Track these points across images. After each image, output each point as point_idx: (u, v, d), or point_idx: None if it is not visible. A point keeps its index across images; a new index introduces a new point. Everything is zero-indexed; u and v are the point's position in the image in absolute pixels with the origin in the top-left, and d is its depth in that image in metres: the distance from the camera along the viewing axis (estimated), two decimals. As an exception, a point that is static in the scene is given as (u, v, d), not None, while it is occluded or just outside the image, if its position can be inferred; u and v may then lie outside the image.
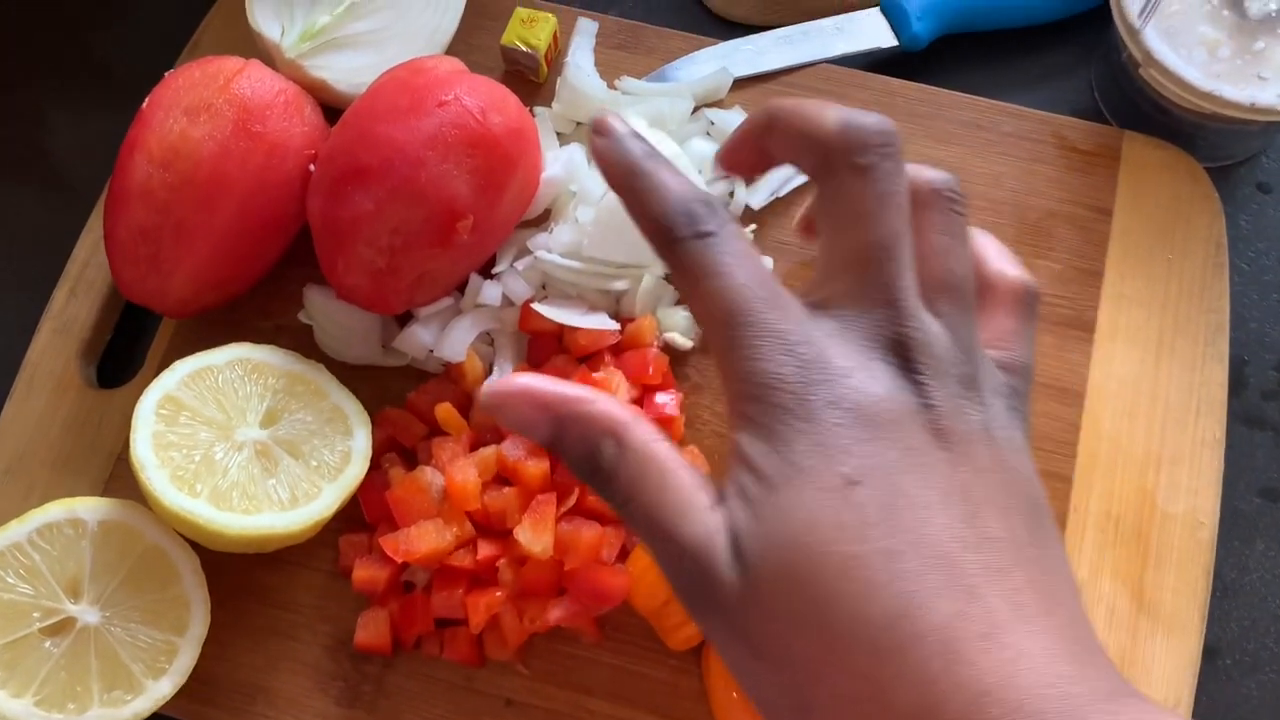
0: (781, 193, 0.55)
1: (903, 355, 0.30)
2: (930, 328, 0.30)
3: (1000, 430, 0.30)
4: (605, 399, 0.30)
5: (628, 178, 0.31)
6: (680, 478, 0.30)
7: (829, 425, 0.29)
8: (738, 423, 0.30)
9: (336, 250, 0.49)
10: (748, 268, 0.30)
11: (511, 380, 0.30)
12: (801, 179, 0.55)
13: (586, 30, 0.58)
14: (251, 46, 0.55)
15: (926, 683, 0.27)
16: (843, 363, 0.29)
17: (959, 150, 0.56)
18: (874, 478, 0.28)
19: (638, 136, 0.32)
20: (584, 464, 0.30)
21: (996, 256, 0.34)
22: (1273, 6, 0.51)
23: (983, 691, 0.27)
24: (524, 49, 0.56)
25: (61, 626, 0.45)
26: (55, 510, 0.46)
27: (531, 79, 0.58)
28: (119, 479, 0.52)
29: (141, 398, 0.47)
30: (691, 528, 0.29)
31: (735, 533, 0.29)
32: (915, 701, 0.27)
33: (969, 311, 0.31)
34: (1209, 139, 0.56)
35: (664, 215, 0.31)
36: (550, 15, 0.57)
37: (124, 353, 0.57)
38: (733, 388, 0.30)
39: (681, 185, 0.31)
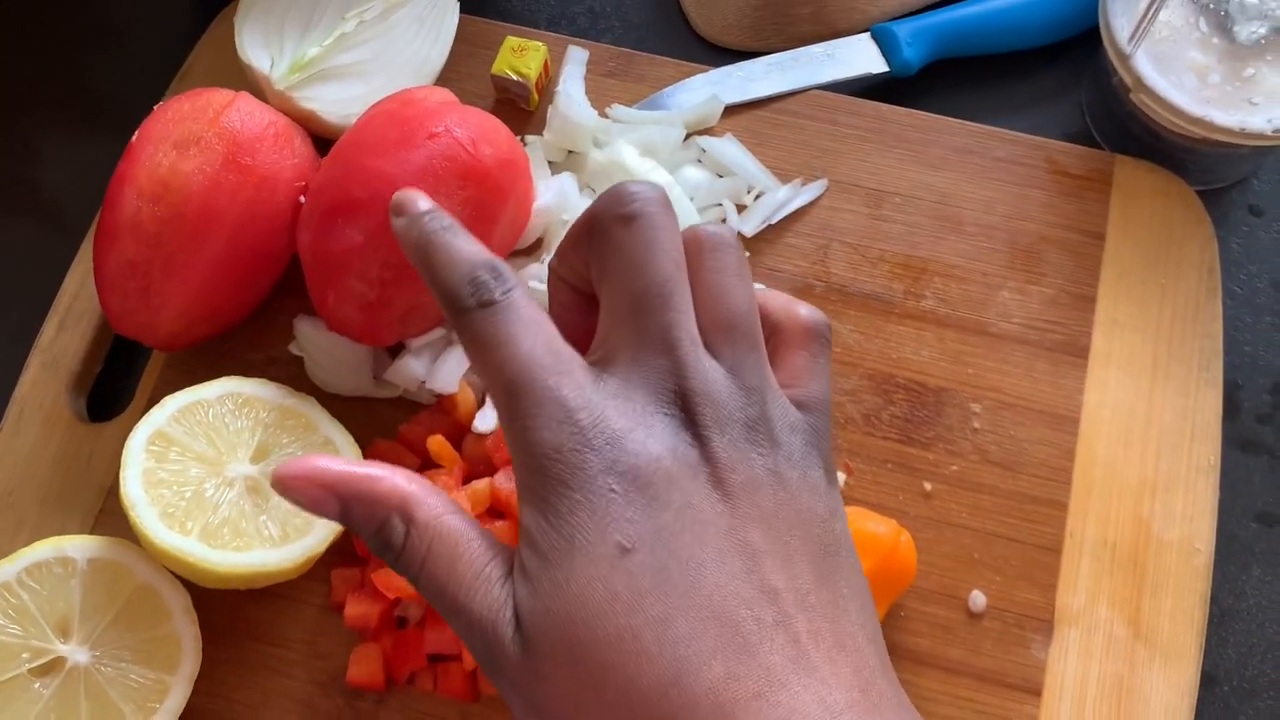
0: (774, 219, 0.55)
1: (684, 407, 0.29)
2: (710, 375, 0.30)
3: (792, 470, 0.30)
4: (395, 475, 0.30)
5: (422, 252, 0.32)
6: (471, 550, 0.30)
7: (603, 493, 0.28)
8: (521, 494, 0.30)
9: (326, 283, 0.49)
10: (532, 335, 0.30)
11: (298, 463, 0.31)
12: (795, 204, 0.55)
13: (577, 58, 0.58)
14: (242, 76, 0.55)
15: None
16: (621, 424, 0.29)
17: (950, 175, 0.56)
18: (646, 543, 0.28)
19: (434, 211, 0.32)
20: (373, 540, 0.30)
21: (784, 301, 0.34)
22: (1262, 32, 0.51)
23: None
24: (515, 78, 0.56)
25: (51, 667, 0.45)
26: (44, 549, 0.46)
27: (523, 107, 0.58)
28: (110, 513, 0.52)
29: (131, 434, 0.46)
30: (479, 602, 0.29)
31: (518, 608, 0.29)
32: None
33: (754, 350, 0.31)
34: (1200, 162, 0.56)
35: (450, 286, 0.31)
36: (541, 44, 0.57)
37: (114, 385, 0.56)
38: (516, 460, 0.30)
39: (471, 252, 0.31)
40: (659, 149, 0.55)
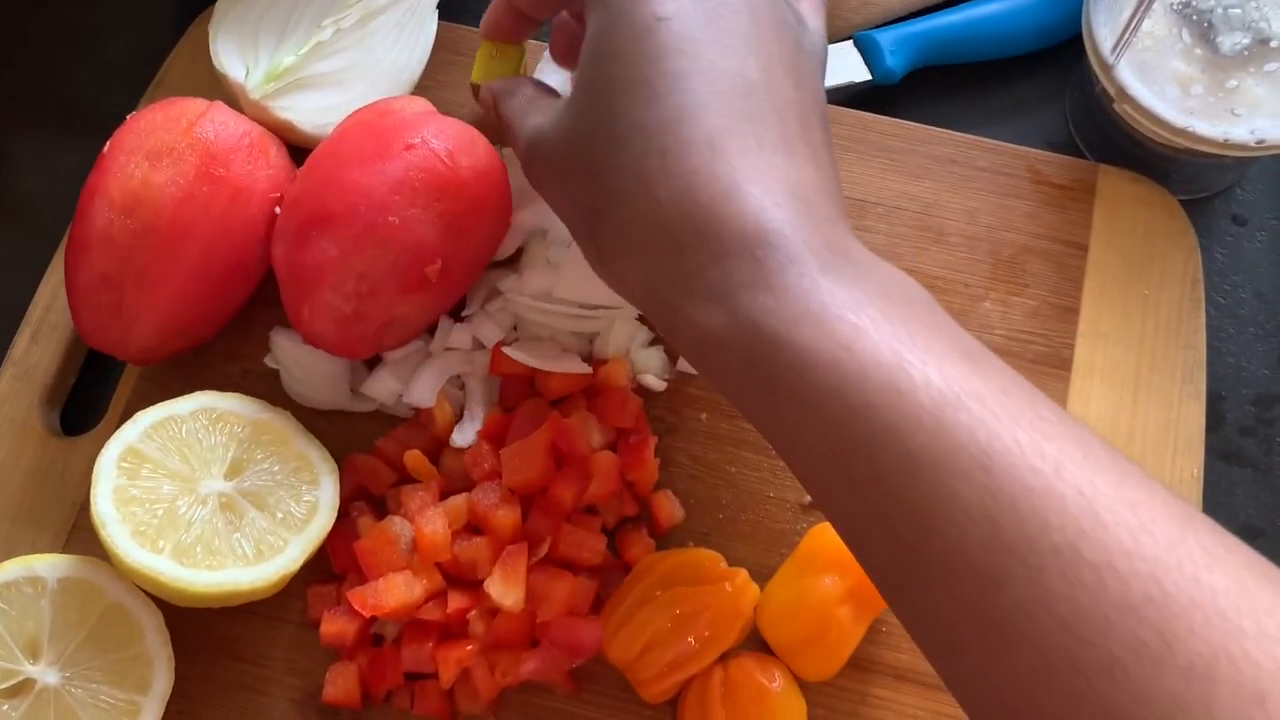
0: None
1: None
2: None
3: (788, 11, 0.39)
4: None
5: None
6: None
7: None
8: None
9: (301, 297, 0.48)
10: None
11: None
12: None
13: (550, 58, 0.57)
14: (218, 84, 0.54)
15: (687, 173, 0.34)
16: None
17: (933, 185, 0.56)
18: (682, 16, 0.35)
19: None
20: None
21: None
22: (1245, 43, 0.50)
23: (734, 184, 0.34)
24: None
25: (20, 689, 0.44)
26: (13, 568, 0.45)
27: None
28: (83, 529, 0.51)
29: (102, 451, 0.46)
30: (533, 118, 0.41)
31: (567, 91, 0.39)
32: (675, 187, 0.34)
33: None
34: (1183, 172, 0.56)
35: None
36: (519, 47, 0.56)
37: (89, 398, 0.55)
38: None
39: None
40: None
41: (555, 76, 0.54)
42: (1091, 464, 0.30)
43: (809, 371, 0.32)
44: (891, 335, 0.32)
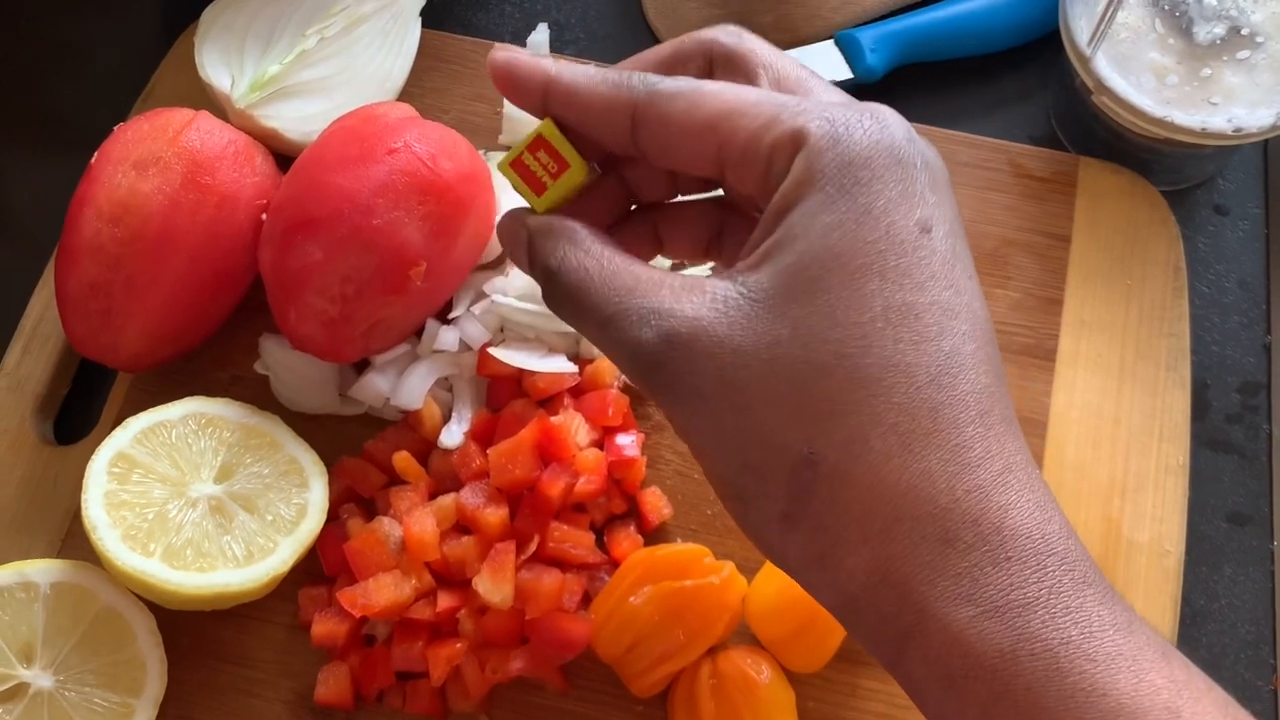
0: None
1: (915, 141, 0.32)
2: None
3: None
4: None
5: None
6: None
7: (913, 170, 0.30)
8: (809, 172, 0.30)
9: (287, 300, 0.49)
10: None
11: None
12: None
13: (537, 40, 0.58)
14: (205, 94, 0.55)
15: (960, 446, 0.28)
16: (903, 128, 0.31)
17: (916, 181, 0.56)
18: (946, 228, 0.30)
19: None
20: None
21: None
22: (1220, 32, 0.51)
23: (1008, 468, 0.29)
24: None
25: (14, 693, 0.44)
26: (6, 574, 0.46)
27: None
28: (77, 536, 0.51)
29: (93, 457, 0.46)
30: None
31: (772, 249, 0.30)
32: (946, 460, 0.28)
33: None
34: (1165, 163, 0.56)
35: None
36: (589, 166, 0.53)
37: (82, 406, 0.56)
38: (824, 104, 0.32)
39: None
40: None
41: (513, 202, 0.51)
42: None
43: None
44: (1192, 696, 0.28)
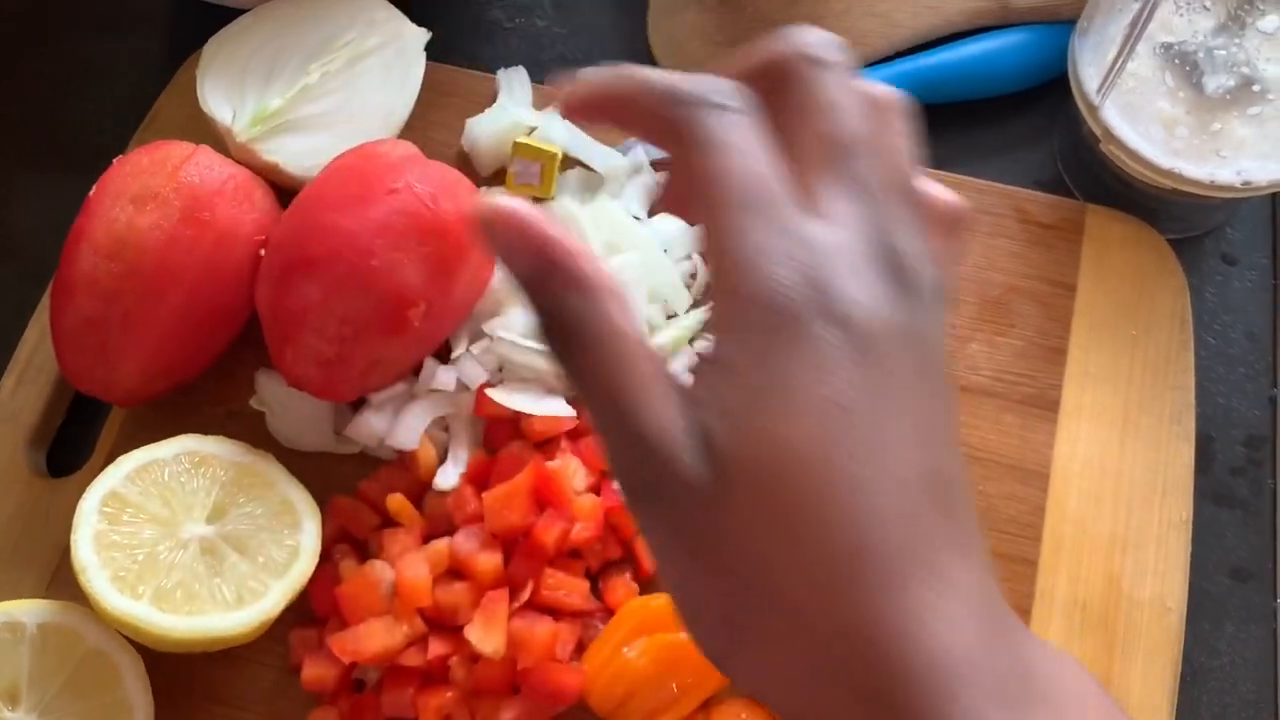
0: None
1: (892, 265, 0.28)
2: (915, 235, 0.28)
3: (938, 353, 0.30)
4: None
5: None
6: (651, 355, 0.28)
7: (822, 340, 0.27)
8: (724, 322, 0.28)
9: (284, 340, 0.48)
10: (762, 151, 0.28)
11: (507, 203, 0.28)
12: None
13: (513, 82, 0.58)
14: (207, 125, 0.54)
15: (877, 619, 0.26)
16: (841, 270, 0.27)
17: (920, 225, 0.55)
18: (862, 403, 0.27)
19: None
20: (549, 308, 0.28)
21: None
22: (1230, 85, 0.50)
23: (950, 662, 0.26)
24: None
25: (-2, 736, 0.44)
26: (-8, 614, 0.45)
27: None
28: (67, 569, 0.50)
29: (84, 496, 0.46)
30: (656, 412, 0.27)
31: (708, 434, 0.27)
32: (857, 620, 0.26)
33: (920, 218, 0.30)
34: (1172, 212, 0.55)
35: (673, 88, 0.28)
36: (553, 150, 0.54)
37: (75, 439, 0.55)
38: (726, 276, 0.27)
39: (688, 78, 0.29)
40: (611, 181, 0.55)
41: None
42: None
43: None
44: None
